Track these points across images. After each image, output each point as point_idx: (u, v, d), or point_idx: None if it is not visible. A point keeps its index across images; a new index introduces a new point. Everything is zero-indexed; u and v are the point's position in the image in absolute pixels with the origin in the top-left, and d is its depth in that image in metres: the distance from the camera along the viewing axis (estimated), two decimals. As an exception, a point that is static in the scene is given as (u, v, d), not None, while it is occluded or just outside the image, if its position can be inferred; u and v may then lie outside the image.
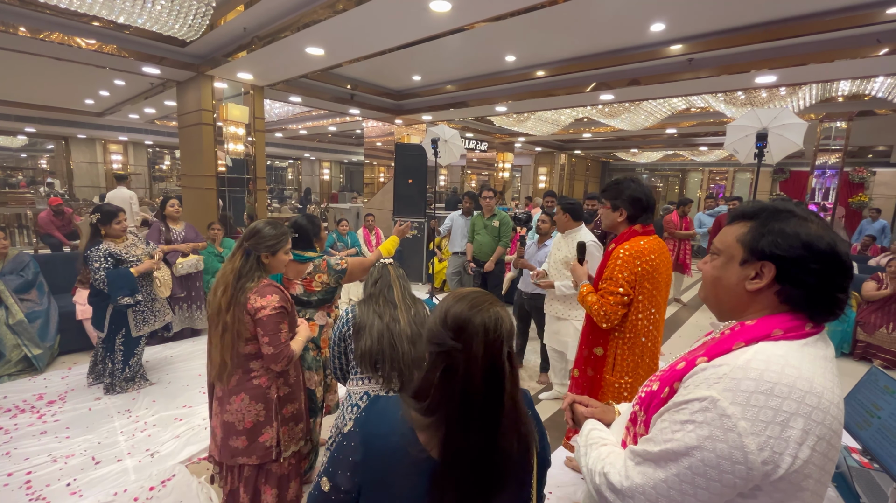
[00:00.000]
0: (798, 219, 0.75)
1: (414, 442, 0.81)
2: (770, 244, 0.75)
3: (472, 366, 0.78)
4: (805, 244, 0.72)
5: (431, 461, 0.80)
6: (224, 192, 6.01)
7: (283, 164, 18.93)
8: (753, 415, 0.65)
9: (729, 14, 3.73)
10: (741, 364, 0.68)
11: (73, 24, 4.29)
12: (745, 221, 0.80)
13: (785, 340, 0.71)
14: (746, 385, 0.66)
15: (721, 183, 15.42)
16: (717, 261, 0.83)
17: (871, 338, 4.34)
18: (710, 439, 0.66)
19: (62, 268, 4.34)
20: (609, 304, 1.83)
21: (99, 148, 12.56)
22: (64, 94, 8.22)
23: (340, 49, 4.31)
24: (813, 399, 0.65)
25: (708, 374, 0.71)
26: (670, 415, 0.73)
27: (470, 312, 0.81)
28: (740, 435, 0.65)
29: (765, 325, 0.74)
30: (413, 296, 1.61)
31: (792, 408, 0.64)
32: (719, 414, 0.66)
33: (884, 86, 5.07)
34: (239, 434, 1.63)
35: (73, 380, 3.42)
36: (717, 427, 0.66)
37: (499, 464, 0.81)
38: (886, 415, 1.62)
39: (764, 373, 0.66)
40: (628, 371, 1.91)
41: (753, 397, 0.65)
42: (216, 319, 1.58)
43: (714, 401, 0.67)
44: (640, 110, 6.89)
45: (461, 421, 0.79)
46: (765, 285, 0.76)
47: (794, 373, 0.66)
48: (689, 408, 0.70)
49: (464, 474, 0.79)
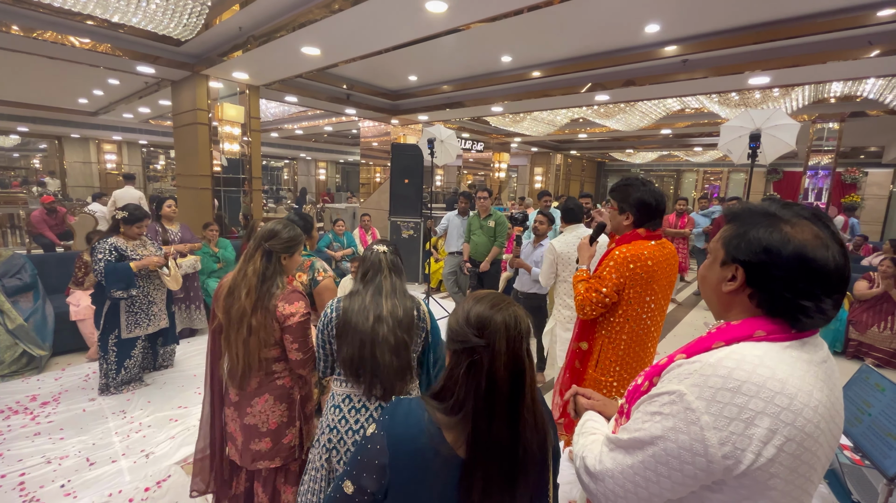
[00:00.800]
0: (770, 222, 0.74)
1: (442, 441, 0.85)
2: (736, 248, 0.76)
3: (497, 361, 0.83)
4: (766, 250, 0.72)
5: (459, 459, 0.84)
6: (219, 192, 5.98)
7: (279, 164, 18.89)
8: (717, 410, 0.66)
9: (723, 15, 3.76)
10: (713, 361, 0.70)
11: (66, 23, 4.26)
12: (731, 223, 0.81)
13: (767, 342, 0.72)
14: (714, 381, 0.67)
15: (716, 183, 15.53)
16: (708, 260, 0.85)
17: (862, 336, 4.39)
18: (674, 430, 0.69)
19: (56, 269, 4.31)
20: (588, 300, 1.81)
21: (93, 147, 12.48)
22: (57, 93, 8.17)
23: (336, 49, 4.31)
24: (783, 400, 0.65)
25: (681, 370, 0.73)
26: (644, 407, 0.76)
27: (491, 311, 0.87)
28: (702, 428, 0.66)
29: (748, 326, 0.74)
30: (405, 292, 1.49)
31: (758, 406, 0.65)
32: (684, 407, 0.68)
33: (875, 87, 5.12)
34: (262, 436, 1.62)
35: (66, 381, 3.39)
36: (682, 419, 0.68)
37: (521, 456, 0.85)
38: (877, 412, 1.64)
39: (734, 370, 0.67)
40: (611, 371, 1.89)
41: (719, 394, 0.67)
42: (239, 322, 1.54)
43: (681, 395, 0.69)
44: (636, 111, 6.93)
45: (487, 415, 0.83)
46: (737, 288, 0.77)
47: (766, 374, 0.66)
48: (659, 401, 0.73)
49: (490, 467, 0.83)
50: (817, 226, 0.73)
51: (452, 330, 0.90)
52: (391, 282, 1.45)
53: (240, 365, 1.55)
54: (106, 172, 12.67)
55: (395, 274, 1.48)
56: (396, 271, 1.49)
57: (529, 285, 3.62)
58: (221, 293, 1.62)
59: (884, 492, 1.50)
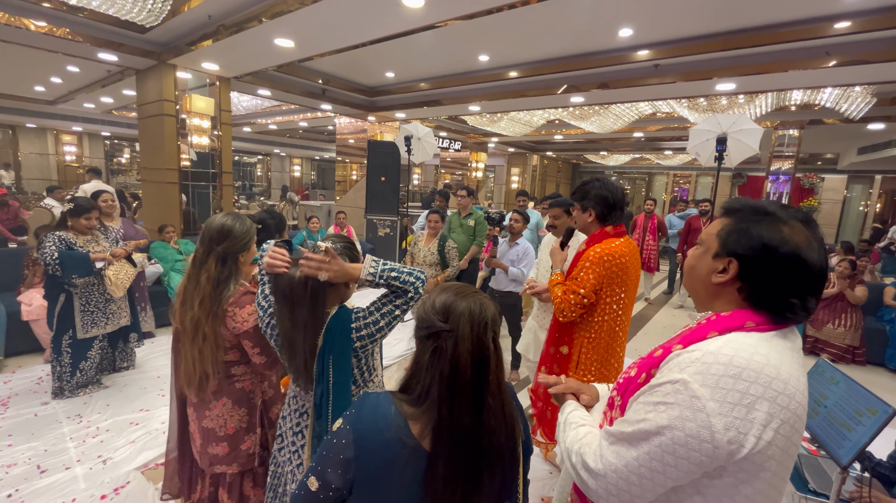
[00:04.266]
0: (773, 221, 0.77)
1: (408, 433, 0.84)
2: (734, 242, 0.78)
3: (460, 346, 0.83)
4: (765, 247, 0.75)
5: (425, 451, 0.84)
6: (188, 187, 5.76)
7: (251, 160, 18.37)
8: (721, 396, 0.68)
9: (692, 22, 3.87)
10: (712, 349, 0.72)
11: (20, 5, 4.00)
12: (727, 217, 0.84)
13: (756, 332, 0.75)
14: (716, 369, 0.69)
15: (685, 186, 16.05)
16: (698, 251, 0.87)
17: (818, 333, 4.61)
18: (680, 419, 0.70)
19: (6, 265, 4.05)
20: (568, 303, 1.84)
21: (51, 138, 11.82)
22: (10, 79, 7.68)
23: (311, 42, 4.21)
24: (779, 384, 0.68)
25: (681, 359, 0.74)
26: (645, 398, 0.77)
27: (455, 298, 0.88)
28: (708, 415, 0.68)
29: (739, 317, 0.77)
30: (316, 301, 1.24)
31: (758, 391, 0.67)
32: (690, 395, 0.69)
33: (832, 96, 5.39)
34: (220, 440, 1.56)
35: (17, 385, 3.19)
36: (687, 407, 0.69)
37: (486, 447, 0.84)
38: (832, 404, 1.71)
39: (733, 358, 0.69)
40: (592, 371, 1.92)
41: (722, 380, 0.68)
42: (194, 332, 1.47)
43: (685, 383, 0.70)
44: (609, 113, 7.07)
45: (449, 401, 0.82)
46: (728, 280, 0.80)
47: (763, 361, 0.69)
48: (662, 391, 0.73)
49: (453, 457, 0.82)
50: (808, 229, 0.77)
51: (419, 317, 0.90)
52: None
53: (196, 373, 1.49)
54: (65, 165, 12.03)
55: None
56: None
57: (505, 283, 3.64)
58: (177, 302, 1.55)
59: (837, 481, 1.57)
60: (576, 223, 2.03)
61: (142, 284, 4.04)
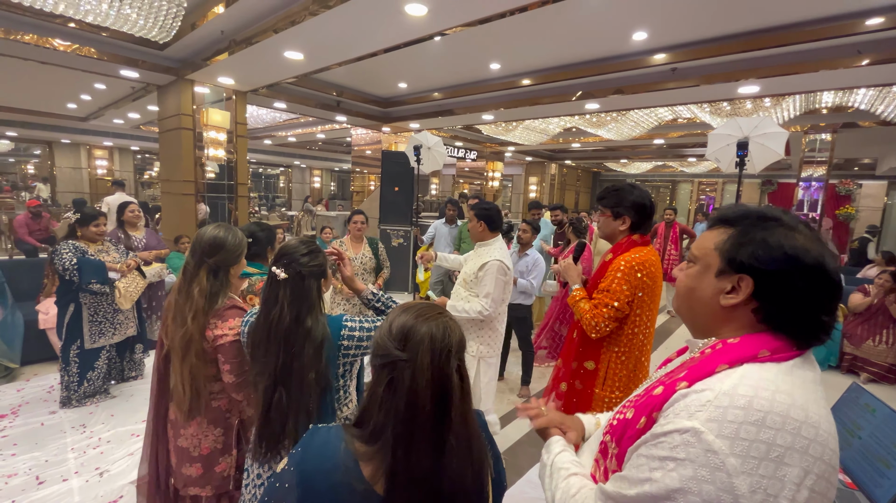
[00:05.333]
0: (784, 228, 0.66)
1: (358, 476, 0.74)
2: (749, 256, 0.66)
3: (418, 378, 0.73)
4: (789, 257, 0.63)
5: (378, 497, 0.74)
6: (206, 198, 5.89)
7: (275, 172, 18.86)
8: (744, 450, 0.55)
9: (710, 23, 3.71)
10: (727, 389, 0.59)
11: (47, 26, 4.19)
12: (726, 227, 0.71)
13: (773, 362, 0.63)
14: (734, 414, 0.57)
15: (711, 194, 15.53)
16: (693, 270, 0.74)
17: (857, 350, 4.28)
18: (695, 480, 0.57)
19: (28, 275, 4.18)
20: (601, 317, 1.72)
21: (83, 153, 12.40)
22: (45, 97, 8.10)
23: (319, 53, 4.24)
24: (810, 430, 0.56)
25: (689, 401, 0.61)
26: (647, 450, 0.63)
27: (416, 321, 0.78)
28: (730, 474, 0.55)
29: (750, 345, 0.65)
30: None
31: (787, 441, 0.55)
32: (704, 449, 0.57)
33: (866, 98, 5.08)
34: (193, 461, 1.50)
35: (28, 393, 3.25)
36: (703, 465, 0.57)
37: (449, 492, 0.74)
38: (867, 435, 1.52)
39: (753, 400, 0.57)
40: (619, 386, 1.82)
41: (743, 429, 0.56)
42: (185, 349, 1.41)
43: (698, 434, 0.58)
44: (627, 120, 6.89)
45: (405, 439, 0.73)
46: (741, 301, 0.67)
47: (787, 401, 0.57)
48: (670, 442, 0.60)
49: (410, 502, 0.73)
50: (816, 236, 0.66)
51: (375, 343, 0.80)
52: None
53: (187, 394, 1.43)
54: (96, 178, 12.58)
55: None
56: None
57: (514, 295, 3.51)
58: (168, 317, 1.49)
59: (876, 523, 1.39)
60: (600, 230, 1.89)
61: (160, 294, 4.09)
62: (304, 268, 1.18)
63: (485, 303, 2.31)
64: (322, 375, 1.15)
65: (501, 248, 2.43)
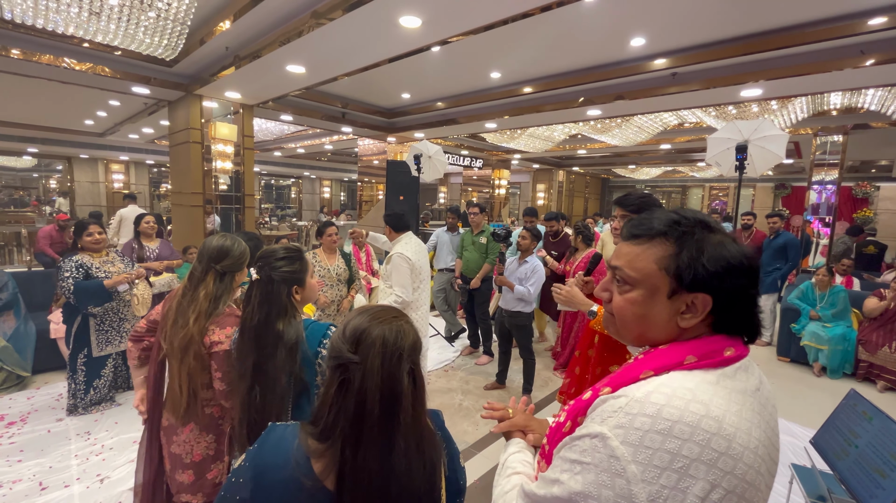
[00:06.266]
0: (713, 233, 0.65)
1: (308, 472, 0.76)
2: (709, 275, 0.62)
3: (368, 381, 0.75)
4: (735, 267, 0.62)
5: (327, 493, 0.75)
6: (215, 210, 6.01)
7: (286, 183, 19.17)
8: (647, 458, 0.54)
9: (708, 28, 3.70)
10: (640, 396, 0.59)
11: (63, 46, 4.37)
12: (656, 240, 0.67)
13: (700, 369, 0.61)
14: (641, 422, 0.56)
15: (723, 199, 15.29)
16: (636, 295, 0.68)
17: (873, 357, 4.15)
18: (597, 485, 0.57)
19: (42, 286, 4.31)
20: None
21: (101, 167, 12.78)
22: (64, 115, 8.40)
23: (321, 66, 4.33)
24: (721, 443, 0.54)
25: (605, 407, 0.61)
26: (564, 452, 0.64)
27: (370, 324, 0.79)
28: (629, 481, 0.55)
29: (678, 351, 0.63)
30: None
31: (693, 452, 0.54)
32: (608, 454, 0.57)
33: (875, 98, 4.98)
34: (185, 468, 1.52)
35: (38, 401, 3.33)
36: (605, 470, 0.56)
37: (396, 492, 0.75)
38: (864, 444, 1.48)
39: (664, 408, 0.56)
40: None
41: (648, 437, 0.55)
42: (184, 351, 1.45)
43: (604, 439, 0.57)
44: (631, 125, 6.86)
45: (354, 440, 0.75)
46: (700, 319, 0.65)
47: (700, 411, 0.55)
48: (580, 446, 0.61)
49: (359, 502, 0.74)
50: (725, 232, 0.66)
51: (331, 344, 0.83)
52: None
53: (183, 396, 1.46)
54: (113, 192, 12.95)
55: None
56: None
57: (513, 303, 3.51)
58: (168, 321, 1.52)
59: (873, 536, 1.34)
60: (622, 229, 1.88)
61: None
62: (276, 272, 1.21)
63: (398, 291, 2.69)
64: (297, 377, 1.17)
65: (406, 243, 2.85)
